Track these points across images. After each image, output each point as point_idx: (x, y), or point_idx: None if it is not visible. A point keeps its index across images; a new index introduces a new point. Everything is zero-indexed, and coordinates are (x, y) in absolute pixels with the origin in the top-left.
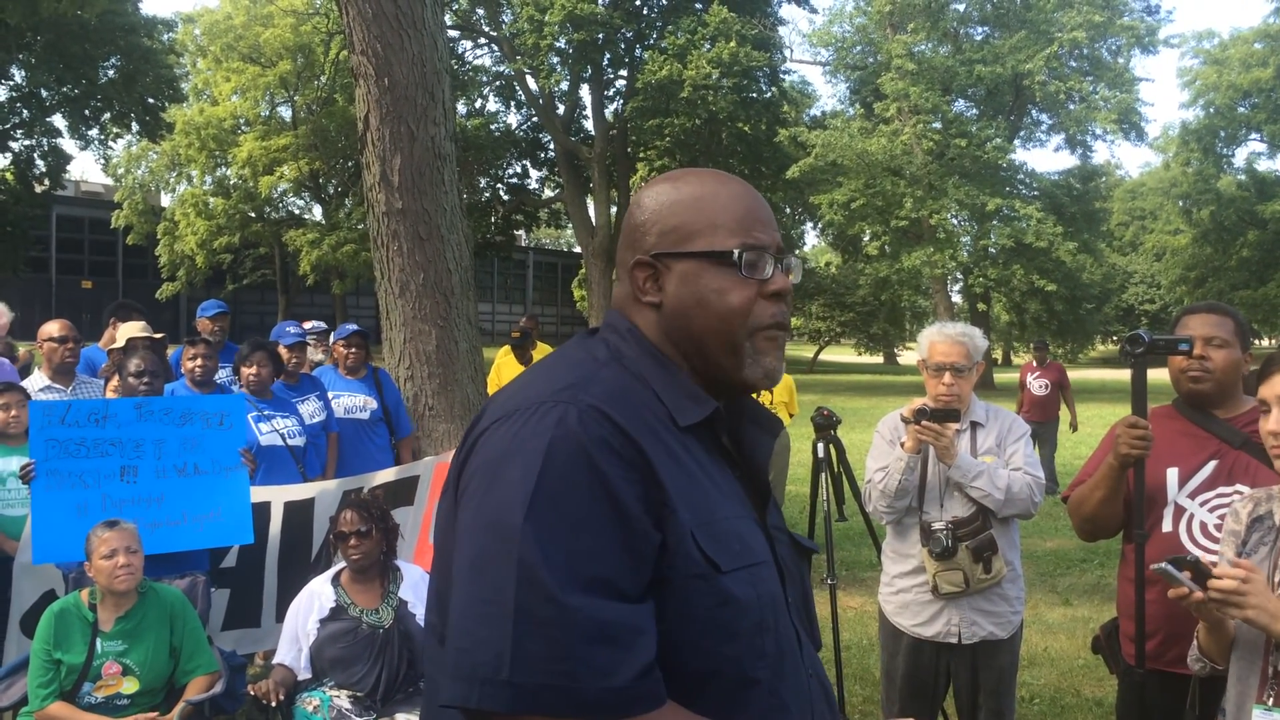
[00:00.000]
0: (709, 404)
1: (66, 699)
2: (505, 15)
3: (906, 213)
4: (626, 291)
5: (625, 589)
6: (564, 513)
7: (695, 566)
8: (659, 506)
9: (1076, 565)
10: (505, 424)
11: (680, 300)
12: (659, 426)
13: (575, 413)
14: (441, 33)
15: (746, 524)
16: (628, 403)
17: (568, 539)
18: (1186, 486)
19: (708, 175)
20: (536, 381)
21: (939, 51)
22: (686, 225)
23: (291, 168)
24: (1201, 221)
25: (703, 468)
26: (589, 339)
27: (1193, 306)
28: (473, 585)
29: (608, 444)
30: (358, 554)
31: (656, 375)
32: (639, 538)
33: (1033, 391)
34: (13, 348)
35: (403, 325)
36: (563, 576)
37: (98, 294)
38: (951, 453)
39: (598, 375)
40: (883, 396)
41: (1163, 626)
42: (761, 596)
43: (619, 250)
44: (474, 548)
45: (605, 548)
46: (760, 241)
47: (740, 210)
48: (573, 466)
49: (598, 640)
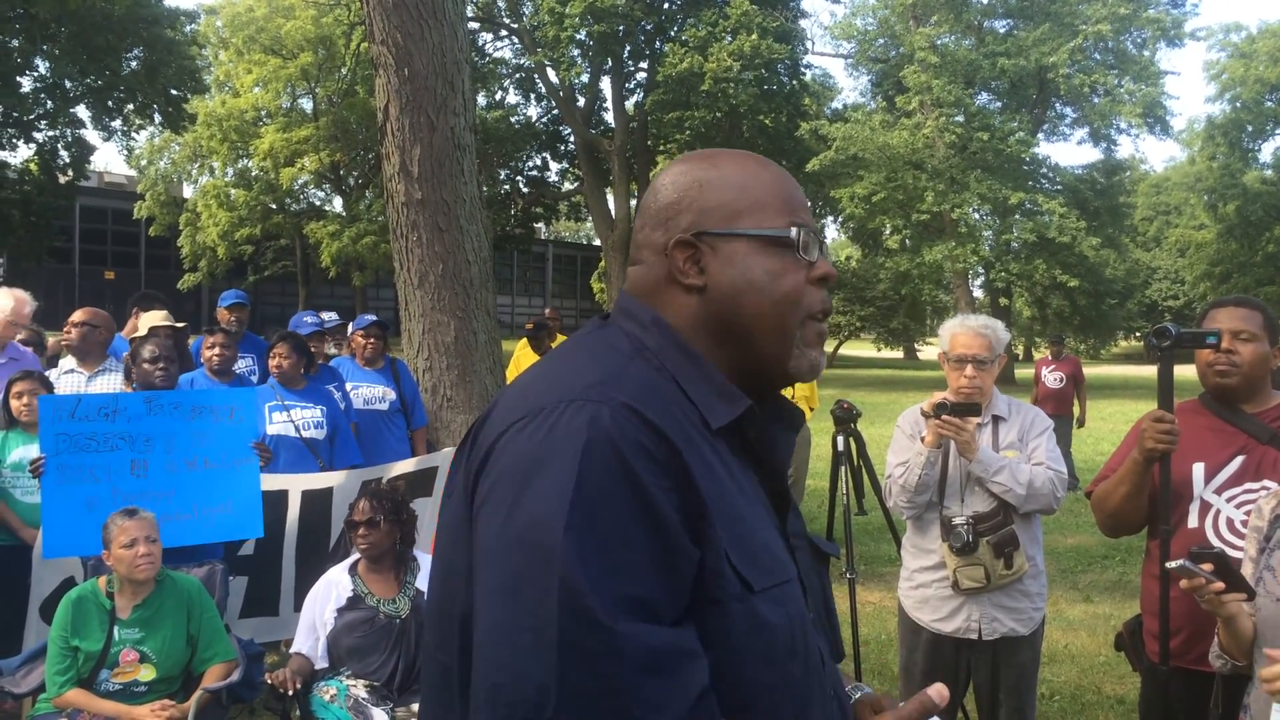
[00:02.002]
0: (741, 401)
1: (84, 686)
2: (526, 7)
3: (928, 206)
4: (655, 275)
5: (666, 611)
6: (603, 528)
7: (730, 586)
8: (697, 519)
9: (1098, 562)
10: (530, 425)
11: (729, 283)
12: (691, 429)
13: (608, 412)
14: (461, 23)
15: (774, 535)
16: (660, 402)
17: (610, 557)
18: (1213, 482)
19: (743, 155)
20: (559, 376)
21: (962, 44)
22: (731, 204)
23: (312, 159)
24: (1227, 216)
25: (732, 473)
26: (604, 329)
27: (1221, 300)
28: (506, 610)
29: (644, 448)
30: (365, 544)
31: (685, 370)
32: (680, 555)
33: (1047, 384)
34: (42, 336)
35: (421, 316)
36: (609, 600)
37: (120, 284)
38: (972, 447)
39: (626, 370)
40: (903, 391)
41: (1187, 624)
42: (791, 617)
43: (640, 231)
44: (505, 568)
45: (646, 566)
46: (806, 223)
47: (783, 192)
48: (609, 474)
49: (650, 670)
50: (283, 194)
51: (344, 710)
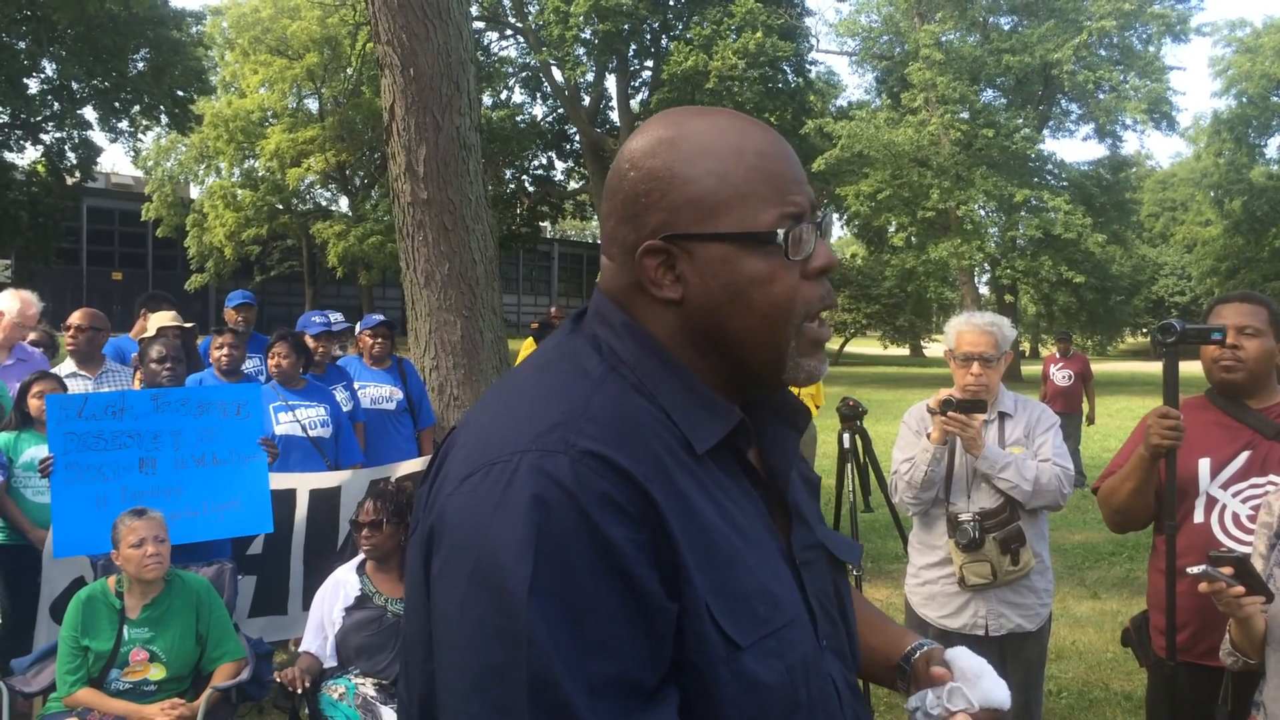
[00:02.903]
0: (730, 416)
1: (94, 685)
2: (531, 6)
3: (933, 204)
4: (626, 281)
5: (645, 681)
6: (573, 601)
7: (713, 649)
8: (673, 573)
9: (1105, 558)
10: (483, 484)
11: (710, 295)
12: (669, 458)
13: (566, 464)
14: (467, 23)
15: (773, 566)
16: (632, 433)
17: (583, 635)
18: (1219, 477)
19: (722, 119)
20: (515, 413)
21: (967, 41)
22: (708, 196)
23: (318, 160)
24: (1233, 212)
25: (721, 498)
26: (575, 337)
27: (1226, 296)
28: (473, 701)
29: (611, 500)
30: (369, 545)
31: (664, 385)
32: (657, 615)
33: (1056, 382)
34: (54, 338)
35: (428, 315)
36: (582, 685)
37: (128, 285)
38: (978, 444)
39: (590, 402)
40: (909, 388)
41: (1193, 619)
42: (792, 667)
43: (609, 223)
44: (470, 657)
45: (621, 637)
46: (800, 206)
47: (772, 168)
48: (572, 543)
49: None
50: (289, 194)
51: (353, 709)
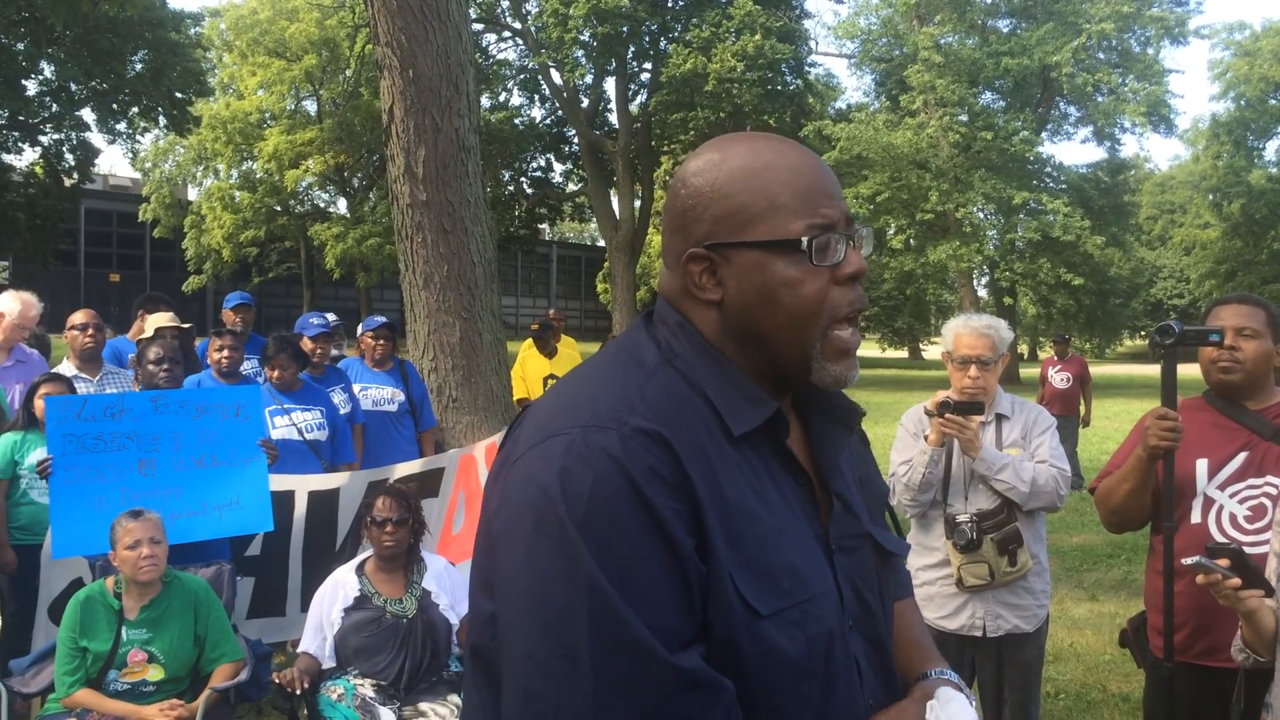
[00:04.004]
0: (767, 407)
1: (92, 686)
2: (530, 8)
3: (932, 206)
4: (679, 285)
5: (685, 631)
6: (621, 556)
7: (735, 614)
8: (702, 542)
9: (1103, 560)
10: (541, 451)
11: (745, 297)
12: (709, 441)
13: (618, 440)
14: (466, 25)
15: (804, 547)
16: (678, 417)
17: (632, 587)
18: (1216, 478)
19: (761, 142)
20: (579, 396)
21: (965, 43)
22: (744, 208)
23: (317, 161)
24: (1232, 215)
25: (758, 481)
26: (639, 333)
27: (1224, 298)
28: (539, 639)
29: (655, 472)
30: (391, 540)
31: (710, 376)
32: (693, 574)
33: (1054, 385)
34: (47, 340)
35: (427, 317)
36: (636, 624)
37: (125, 287)
38: (975, 445)
39: (644, 389)
40: (907, 391)
41: (1191, 619)
42: (811, 639)
43: (665, 235)
44: (532, 597)
45: (664, 589)
46: (829, 219)
47: (803, 184)
48: (621, 503)
49: (683, 688)
50: (287, 196)
51: (351, 709)
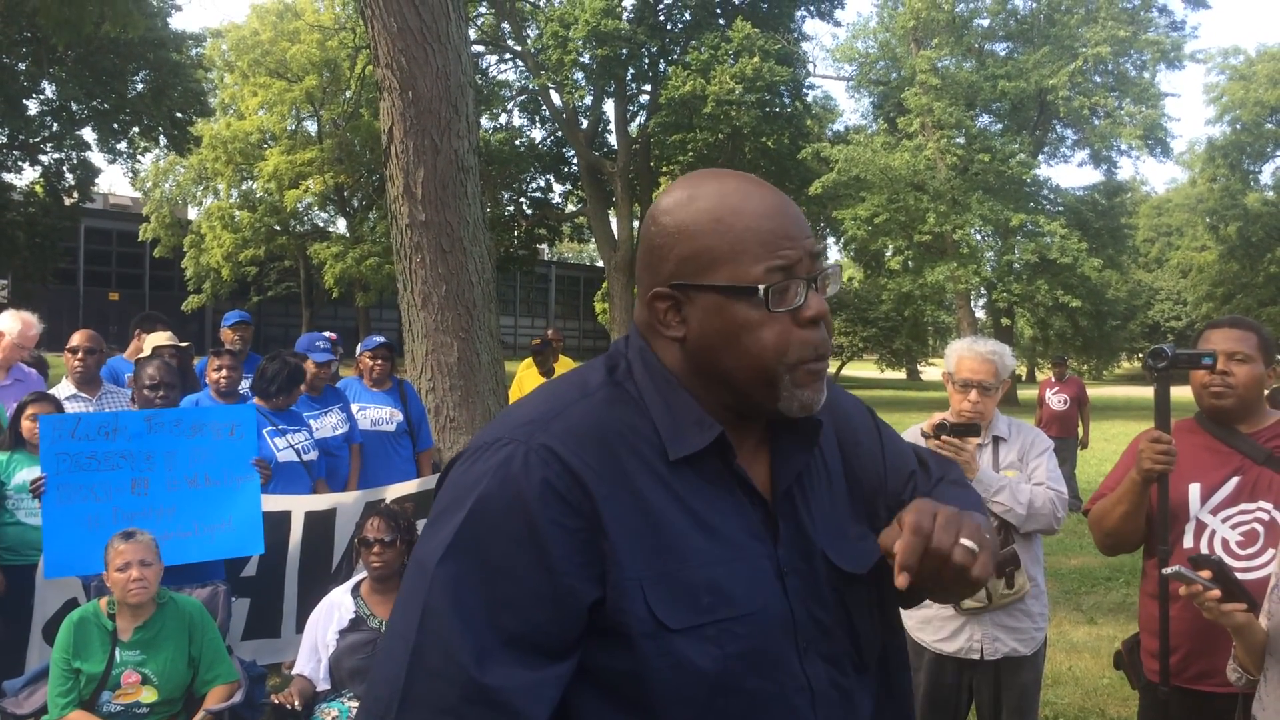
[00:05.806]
0: (711, 431)
1: (86, 707)
2: (530, 30)
3: (929, 227)
4: (646, 318)
5: (542, 643)
6: (483, 560)
7: (641, 625)
8: (599, 558)
9: (1101, 583)
10: (465, 461)
11: (706, 337)
12: (632, 461)
13: (522, 453)
14: (466, 46)
15: (738, 566)
16: (594, 438)
17: (483, 588)
18: (1209, 502)
19: (730, 182)
20: (516, 411)
21: (963, 66)
22: (708, 251)
23: (317, 181)
24: (1228, 238)
25: (692, 502)
26: (603, 356)
27: (1216, 321)
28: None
29: (551, 487)
30: (379, 562)
31: (659, 401)
32: (564, 591)
33: (1051, 407)
34: (43, 361)
35: (425, 337)
36: (466, 628)
37: (124, 306)
38: (972, 467)
39: (571, 408)
40: (905, 412)
41: (1185, 642)
42: (730, 656)
43: (638, 268)
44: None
45: (524, 598)
46: (789, 261)
47: (766, 228)
48: (505, 512)
49: (480, 703)
50: (287, 216)
51: None
